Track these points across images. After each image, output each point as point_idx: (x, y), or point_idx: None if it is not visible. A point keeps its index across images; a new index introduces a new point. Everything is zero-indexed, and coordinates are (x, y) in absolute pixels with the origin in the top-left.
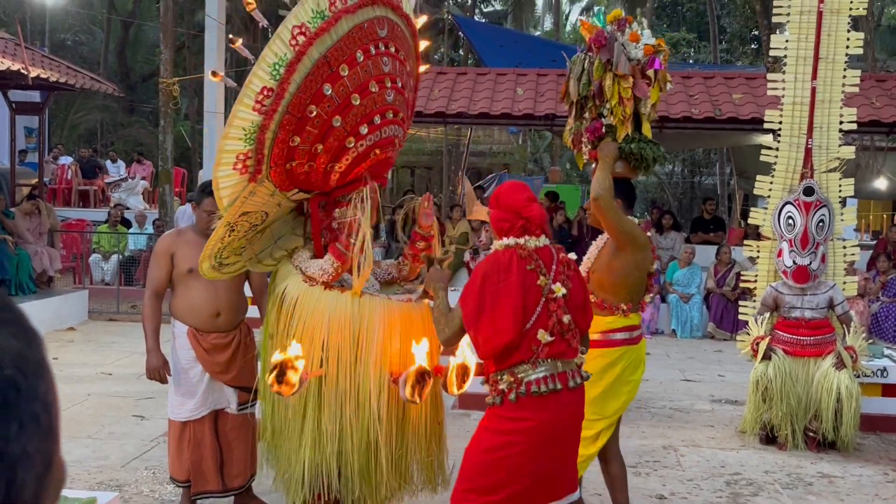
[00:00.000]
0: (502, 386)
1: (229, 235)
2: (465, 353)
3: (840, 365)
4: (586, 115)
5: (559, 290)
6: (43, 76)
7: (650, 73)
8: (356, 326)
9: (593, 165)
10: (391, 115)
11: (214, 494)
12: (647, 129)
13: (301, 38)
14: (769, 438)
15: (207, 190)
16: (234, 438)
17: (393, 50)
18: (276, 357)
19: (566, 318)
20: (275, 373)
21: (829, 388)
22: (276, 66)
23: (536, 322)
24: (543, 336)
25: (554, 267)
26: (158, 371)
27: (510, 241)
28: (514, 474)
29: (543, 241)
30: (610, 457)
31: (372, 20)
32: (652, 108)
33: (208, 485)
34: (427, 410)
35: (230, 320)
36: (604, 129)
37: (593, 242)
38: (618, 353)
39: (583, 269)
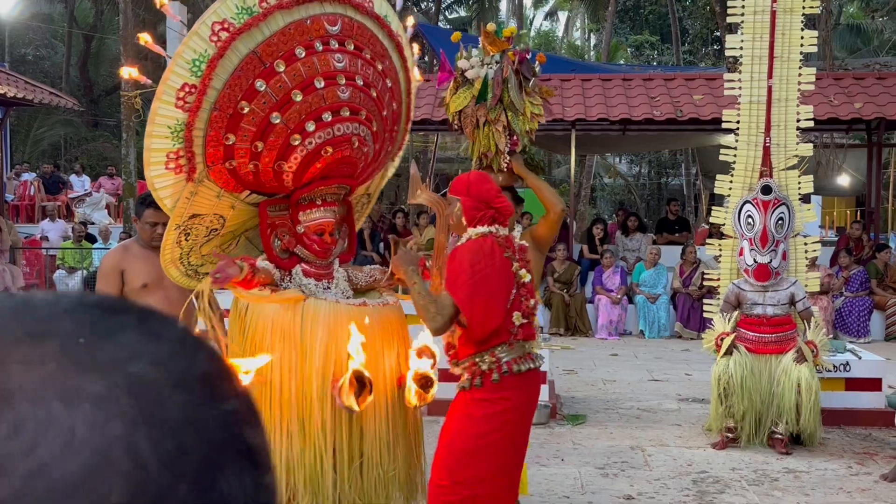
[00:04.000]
0: (483, 367)
1: (186, 240)
2: (418, 361)
3: (801, 359)
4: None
5: (525, 275)
6: (0, 91)
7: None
8: (299, 333)
9: (500, 175)
10: (347, 113)
11: None
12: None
13: (224, 34)
14: (732, 440)
15: (146, 202)
16: None
17: (351, 48)
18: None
19: (531, 302)
20: (353, 388)
21: (789, 383)
22: (197, 62)
23: (512, 306)
24: (518, 319)
25: (517, 255)
26: None
27: (485, 229)
28: (500, 462)
29: (509, 230)
30: None
31: (319, 16)
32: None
33: None
34: (389, 419)
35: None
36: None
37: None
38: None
39: None
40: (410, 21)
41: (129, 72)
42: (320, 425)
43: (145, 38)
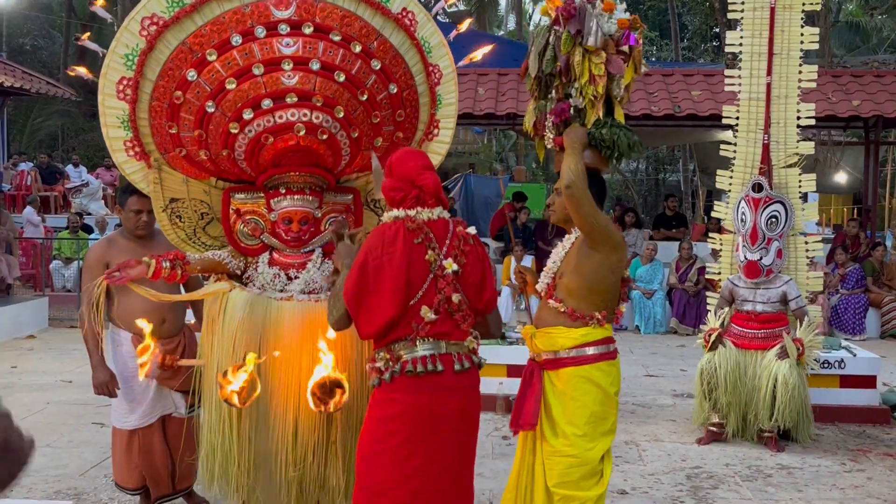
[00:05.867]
0: (379, 364)
1: (181, 222)
2: (328, 362)
3: (783, 355)
4: (552, 95)
5: (450, 265)
6: None
7: (625, 49)
8: (220, 323)
9: (557, 155)
10: (294, 99)
11: (166, 497)
12: (619, 114)
13: (153, 28)
14: (717, 434)
15: (129, 189)
16: (182, 441)
17: (309, 31)
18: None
19: (455, 297)
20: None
21: (767, 378)
22: (130, 57)
23: (422, 298)
24: (427, 313)
25: (448, 241)
26: (107, 385)
27: (399, 212)
28: (404, 472)
29: (438, 212)
30: None
31: (264, 2)
32: (625, 90)
33: (163, 489)
34: (298, 419)
35: (175, 325)
36: (571, 112)
37: (558, 243)
38: (596, 370)
39: (547, 273)
40: (467, 23)
41: (75, 69)
42: (227, 417)
43: (86, 35)
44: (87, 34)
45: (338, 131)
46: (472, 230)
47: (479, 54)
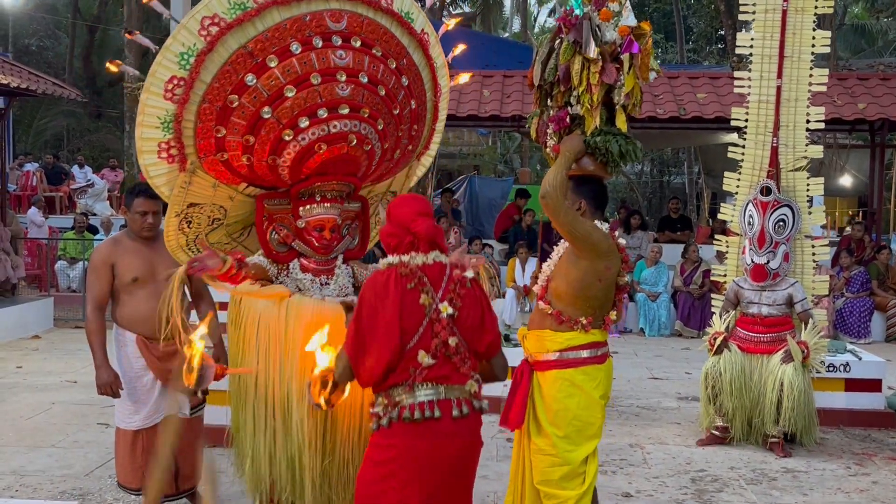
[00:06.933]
0: (378, 409)
1: (188, 227)
2: (321, 357)
3: (788, 359)
4: (550, 103)
5: (445, 309)
6: (3, 81)
7: (624, 57)
8: (283, 330)
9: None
10: (346, 110)
11: (169, 498)
12: (621, 121)
13: (213, 29)
14: (720, 438)
15: (136, 191)
16: (186, 443)
17: (358, 44)
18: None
19: (452, 340)
20: (316, 386)
21: (773, 382)
22: (185, 56)
23: (418, 343)
24: (424, 358)
25: (444, 285)
26: (111, 386)
27: (393, 259)
28: None
29: (434, 256)
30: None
31: (320, 13)
32: (627, 97)
33: (166, 489)
34: (364, 419)
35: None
36: (569, 120)
37: (555, 248)
38: (580, 373)
39: (542, 276)
40: (460, 48)
41: (135, 35)
42: (298, 421)
43: (136, 34)
44: (137, 32)
45: (376, 142)
46: (469, 274)
47: (458, 50)
